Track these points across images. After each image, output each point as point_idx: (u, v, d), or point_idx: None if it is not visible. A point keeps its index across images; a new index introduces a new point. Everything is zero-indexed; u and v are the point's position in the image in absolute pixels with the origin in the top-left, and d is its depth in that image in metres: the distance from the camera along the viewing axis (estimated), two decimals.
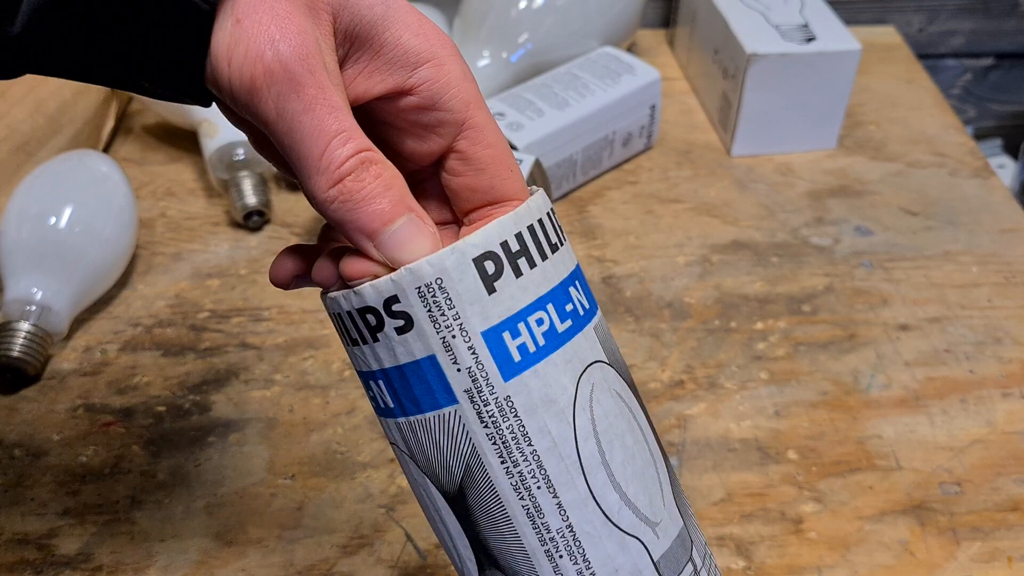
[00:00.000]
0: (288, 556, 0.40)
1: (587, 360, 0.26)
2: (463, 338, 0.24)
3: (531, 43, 0.64)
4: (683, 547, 0.27)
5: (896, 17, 0.82)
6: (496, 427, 0.25)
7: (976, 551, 0.40)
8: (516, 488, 0.25)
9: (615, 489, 0.25)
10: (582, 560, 0.25)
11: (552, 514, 0.25)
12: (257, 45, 0.23)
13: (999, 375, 0.49)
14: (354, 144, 0.24)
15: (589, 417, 0.25)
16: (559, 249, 0.26)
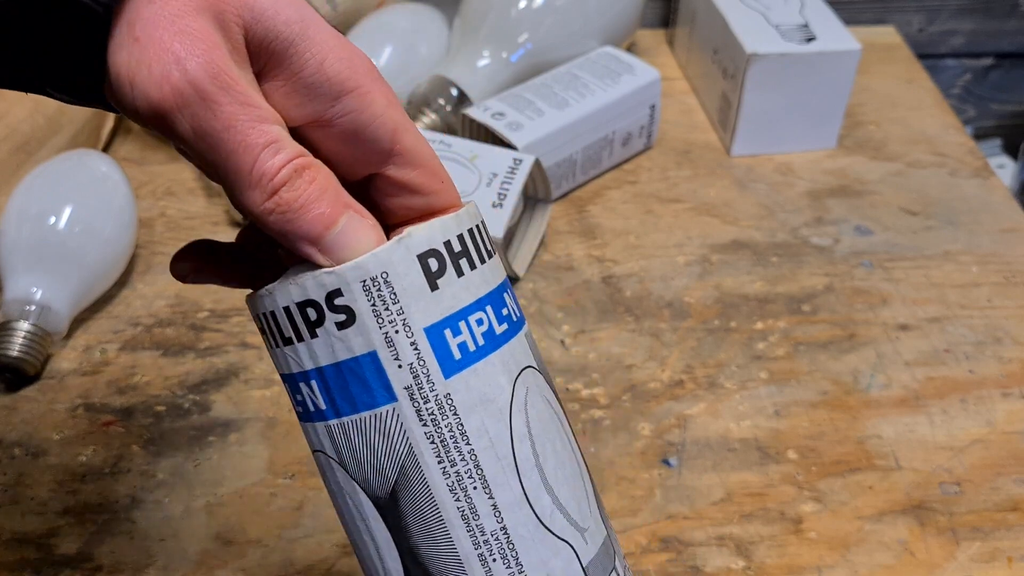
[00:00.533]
0: (288, 556, 0.40)
1: (521, 364, 0.26)
2: (406, 334, 0.24)
3: (531, 43, 0.64)
4: (607, 555, 0.27)
5: (896, 17, 0.82)
6: (435, 425, 0.24)
7: (976, 551, 0.40)
8: (452, 489, 0.25)
9: (548, 492, 0.25)
10: (515, 564, 0.25)
11: (487, 516, 0.25)
12: (161, 66, 0.21)
13: (999, 375, 0.49)
14: (284, 154, 0.23)
15: (524, 419, 0.25)
16: (492, 257, 0.26)
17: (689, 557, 0.40)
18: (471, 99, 0.62)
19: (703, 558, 0.40)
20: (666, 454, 0.45)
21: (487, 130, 0.58)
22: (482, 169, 0.52)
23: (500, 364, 0.25)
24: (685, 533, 0.41)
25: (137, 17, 0.22)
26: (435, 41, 0.66)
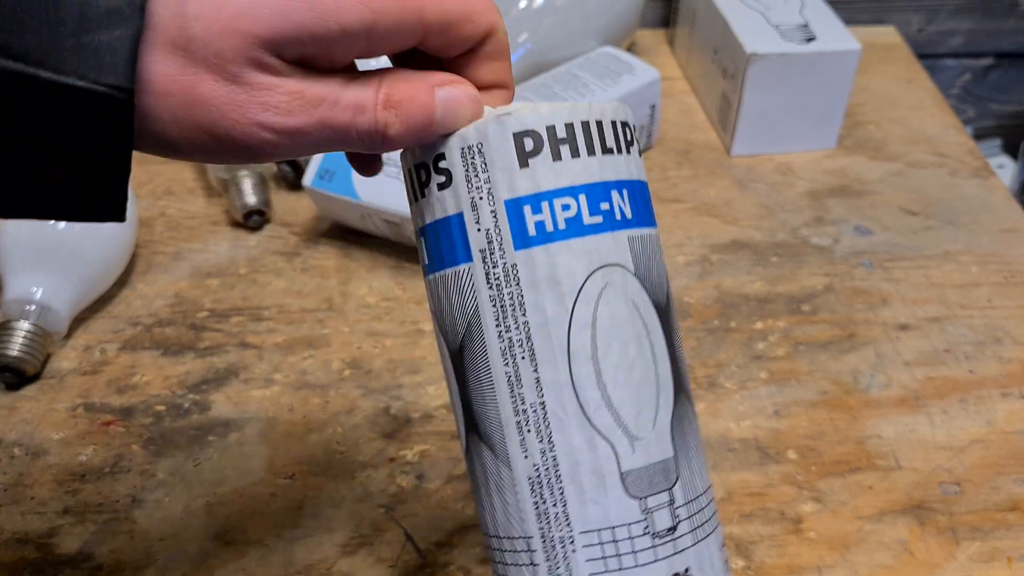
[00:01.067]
0: (287, 556, 0.40)
1: (608, 260, 0.27)
2: (488, 201, 0.26)
3: (531, 43, 0.64)
4: (664, 476, 0.27)
5: (895, 17, 0.82)
6: (499, 290, 0.26)
7: (976, 551, 0.40)
8: (503, 353, 0.26)
9: (598, 387, 0.26)
10: (547, 441, 0.26)
11: (530, 387, 0.26)
12: (247, 122, 0.23)
13: (999, 375, 0.49)
14: (368, 114, 0.25)
15: (591, 311, 0.26)
16: (616, 154, 0.27)
17: None
18: None
19: None
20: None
21: None
22: None
23: (579, 252, 0.26)
24: None
25: (193, 92, 0.22)
26: None
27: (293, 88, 0.24)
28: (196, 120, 0.23)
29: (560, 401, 0.26)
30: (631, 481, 0.26)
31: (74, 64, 0.20)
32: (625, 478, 0.26)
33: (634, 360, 0.27)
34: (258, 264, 0.56)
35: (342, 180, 0.53)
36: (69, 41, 0.20)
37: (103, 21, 0.20)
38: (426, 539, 0.41)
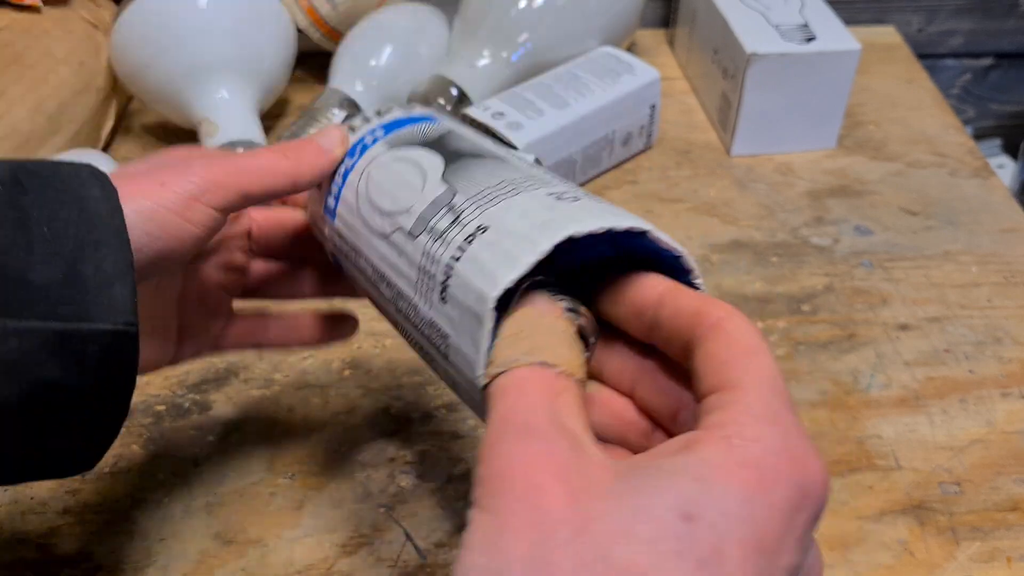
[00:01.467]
0: (288, 555, 0.40)
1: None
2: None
3: (531, 43, 0.64)
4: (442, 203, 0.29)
5: (895, 17, 0.82)
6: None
7: (976, 551, 0.40)
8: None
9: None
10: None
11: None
12: None
13: (999, 375, 0.49)
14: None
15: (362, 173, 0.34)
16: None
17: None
18: (471, 99, 0.62)
19: None
20: None
21: (487, 130, 0.58)
22: None
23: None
24: None
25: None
26: (435, 41, 0.66)
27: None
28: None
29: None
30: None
31: (99, 314, 0.27)
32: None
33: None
34: None
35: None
36: (94, 299, 0.27)
37: (113, 279, 0.27)
38: (426, 539, 0.41)
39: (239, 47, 0.60)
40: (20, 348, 0.26)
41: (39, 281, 0.27)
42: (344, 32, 0.67)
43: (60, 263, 0.27)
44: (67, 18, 0.65)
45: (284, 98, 0.71)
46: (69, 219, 0.28)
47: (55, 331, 0.26)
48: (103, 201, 0.28)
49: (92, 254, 0.27)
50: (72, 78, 0.62)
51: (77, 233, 0.28)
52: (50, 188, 0.28)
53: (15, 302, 0.26)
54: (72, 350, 0.27)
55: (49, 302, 0.27)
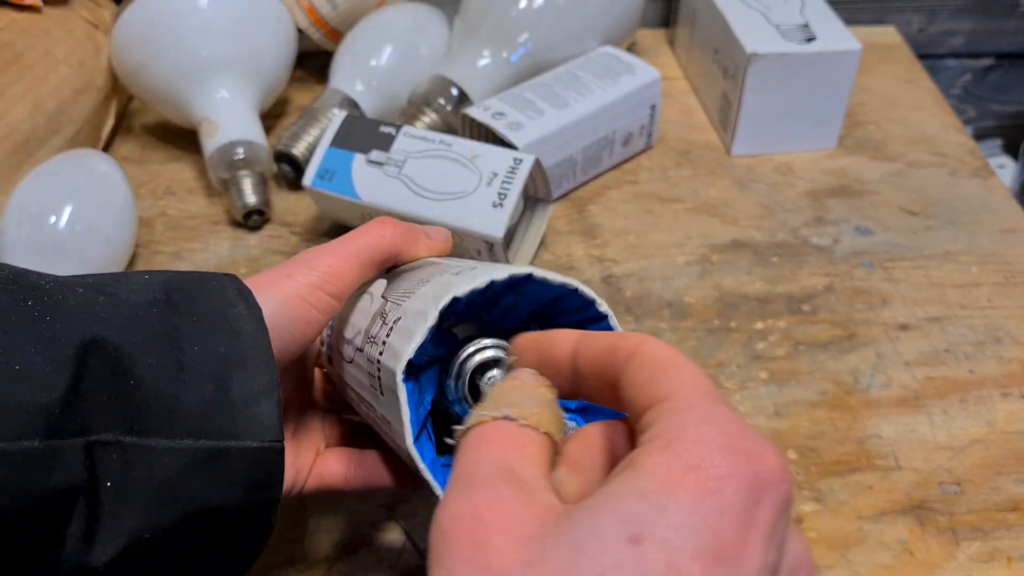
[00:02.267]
0: (288, 556, 0.40)
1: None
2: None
3: (531, 43, 0.64)
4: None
5: (896, 17, 0.82)
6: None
7: (976, 551, 0.40)
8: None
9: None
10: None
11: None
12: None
13: (999, 375, 0.49)
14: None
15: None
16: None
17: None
18: (471, 99, 0.62)
19: None
20: None
21: (487, 130, 0.58)
22: (482, 169, 0.52)
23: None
24: None
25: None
26: (435, 41, 0.66)
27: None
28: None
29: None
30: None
31: (247, 432, 0.28)
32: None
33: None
34: (259, 264, 0.56)
35: (342, 180, 0.53)
36: (242, 416, 0.28)
37: (259, 398, 0.28)
38: (426, 539, 0.41)
39: (239, 47, 0.60)
40: (171, 467, 0.27)
41: (190, 400, 0.27)
42: (344, 32, 0.67)
43: (210, 383, 0.28)
44: (67, 18, 0.65)
45: (284, 98, 0.71)
46: (218, 339, 0.29)
47: (205, 450, 0.27)
48: (248, 319, 0.30)
49: (239, 373, 0.28)
50: (72, 78, 0.62)
51: (225, 353, 0.28)
52: (198, 306, 0.29)
53: (166, 421, 0.27)
54: (221, 468, 0.27)
55: (199, 421, 0.27)
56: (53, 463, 0.25)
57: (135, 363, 0.27)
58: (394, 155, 0.53)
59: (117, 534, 0.26)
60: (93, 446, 0.26)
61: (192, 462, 0.27)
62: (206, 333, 0.28)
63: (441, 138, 0.54)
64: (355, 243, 0.34)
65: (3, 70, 0.58)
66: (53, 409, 0.25)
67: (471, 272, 0.30)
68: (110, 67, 0.65)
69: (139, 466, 0.26)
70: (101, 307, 0.28)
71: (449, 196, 0.51)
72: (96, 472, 0.26)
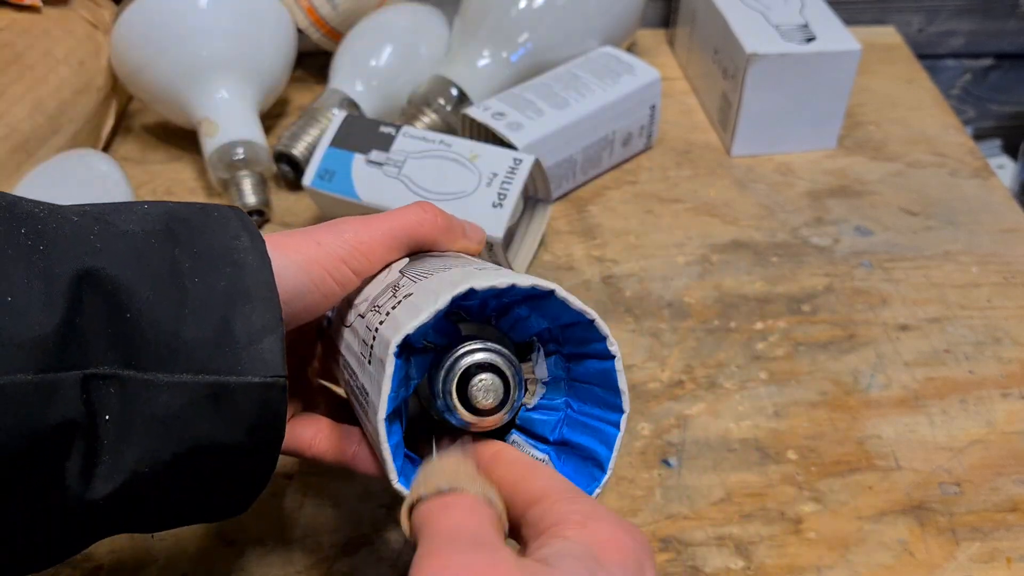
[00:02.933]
0: (288, 555, 0.40)
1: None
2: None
3: (531, 43, 0.64)
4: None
5: (896, 17, 0.82)
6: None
7: (975, 551, 0.40)
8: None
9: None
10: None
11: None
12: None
13: (999, 375, 0.49)
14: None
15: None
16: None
17: (689, 557, 0.40)
18: (471, 99, 0.62)
19: (703, 558, 0.40)
20: (666, 454, 0.45)
21: (487, 130, 0.58)
22: (482, 169, 0.52)
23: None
24: (685, 533, 0.41)
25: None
26: (435, 41, 0.66)
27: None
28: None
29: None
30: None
31: (249, 368, 0.27)
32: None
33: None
34: None
35: (342, 180, 0.53)
36: (244, 353, 0.27)
37: (262, 333, 0.28)
38: None
39: (239, 47, 0.60)
40: (171, 403, 0.26)
41: (190, 336, 0.27)
42: (344, 32, 0.67)
43: (211, 318, 0.27)
44: (67, 18, 0.65)
45: (284, 98, 0.71)
46: (220, 272, 0.28)
47: (206, 384, 0.27)
48: (252, 252, 0.29)
49: (242, 307, 0.28)
50: (72, 78, 0.62)
51: (228, 286, 0.28)
52: (200, 238, 0.28)
53: (167, 357, 0.26)
54: (223, 404, 0.27)
55: (200, 356, 0.27)
56: (49, 397, 0.24)
57: (133, 296, 0.26)
58: (394, 155, 0.53)
59: (117, 469, 0.26)
60: (90, 380, 0.25)
61: (193, 397, 0.26)
62: (208, 266, 0.28)
63: (441, 138, 0.54)
64: (394, 222, 0.33)
65: (3, 70, 0.58)
66: (47, 342, 0.24)
67: (495, 271, 0.30)
68: (110, 67, 0.65)
69: (139, 401, 0.26)
70: (97, 237, 0.27)
71: (449, 196, 0.51)
72: (94, 406, 0.25)
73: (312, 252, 0.31)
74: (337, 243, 0.32)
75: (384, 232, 0.33)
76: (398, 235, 0.33)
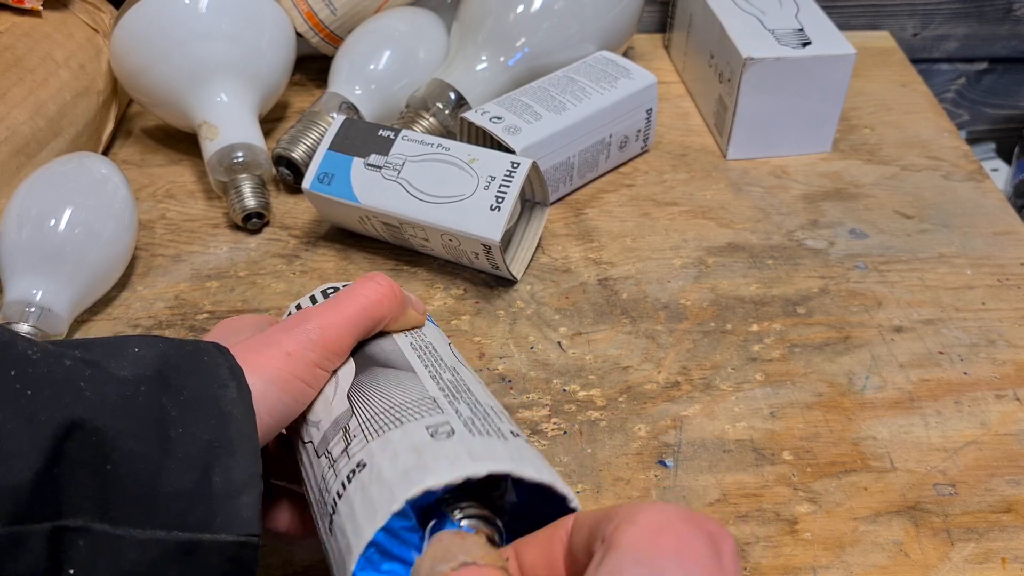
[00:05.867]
0: (287, 556, 0.41)
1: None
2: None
3: (528, 47, 0.64)
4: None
5: (890, 22, 0.83)
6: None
7: (970, 552, 0.41)
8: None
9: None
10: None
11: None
12: None
13: (993, 377, 0.49)
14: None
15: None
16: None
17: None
18: (469, 103, 0.62)
19: None
20: (662, 455, 0.45)
21: (485, 133, 0.59)
22: (480, 172, 0.52)
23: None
24: None
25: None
26: (434, 45, 0.66)
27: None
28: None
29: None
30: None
31: (224, 525, 0.27)
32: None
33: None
34: (258, 267, 0.56)
35: (341, 183, 0.54)
36: (220, 508, 0.27)
37: (241, 489, 0.27)
38: None
39: (239, 51, 0.61)
40: (141, 559, 0.26)
41: (169, 489, 0.26)
42: (343, 36, 0.68)
43: (192, 472, 0.27)
44: (67, 22, 0.65)
45: (283, 102, 0.71)
46: (206, 423, 0.27)
47: (179, 543, 0.26)
48: (238, 403, 0.28)
49: (224, 461, 0.27)
50: (73, 81, 0.62)
51: (211, 439, 0.27)
52: (189, 384, 0.28)
53: (142, 511, 0.26)
54: (194, 560, 0.26)
55: (177, 512, 0.26)
56: (16, 549, 0.24)
57: (116, 448, 0.26)
58: (392, 159, 0.54)
59: None
60: (60, 532, 0.25)
61: (163, 554, 0.26)
62: (194, 416, 0.27)
63: (439, 142, 0.54)
64: (356, 307, 0.33)
65: (3, 73, 0.58)
66: (23, 492, 0.24)
67: (451, 443, 0.28)
68: (110, 71, 0.66)
69: (107, 555, 0.25)
70: (88, 383, 0.26)
71: (447, 199, 0.52)
72: (60, 559, 0.25)
73: (287, 367, 0.31)
74: (307, 349, 0.31)
75: (348, 320, 0.32)
76: (360, 322, 0.33)
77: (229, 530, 0.27)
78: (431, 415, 0.30)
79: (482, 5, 0.65)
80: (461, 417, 0.30)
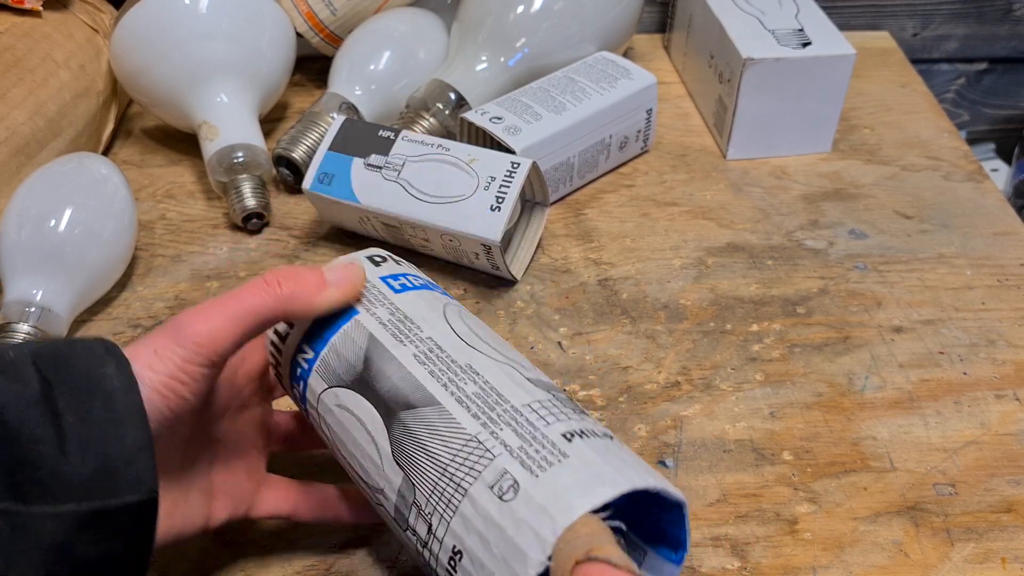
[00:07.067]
0: (287, 556, 0.41)
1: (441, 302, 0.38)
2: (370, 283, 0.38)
3: (528, 48, 0.64)
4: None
5: (890, 22, 0.83)
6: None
7: (970, 552, 0.41)
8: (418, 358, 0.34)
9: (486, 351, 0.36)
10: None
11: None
12: None
13: (992, 377, 0.49)
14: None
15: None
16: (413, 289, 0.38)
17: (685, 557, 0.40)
18: (469, 103, 0.62)
19: (699, 558, 0.41)
20: (662, 455, 0.45)
21: (485, 134, 0.59)
22: (480, 172, 0.52)
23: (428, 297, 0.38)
24: None
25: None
26: (434, 46, 0.66)
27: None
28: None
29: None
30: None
31: (126, 488, 0.29)
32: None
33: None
34: (258, 267, 0.56)
35: (341, 184, 0.54)
36: (122, 476, 0.29)
37: (136, 454, 0.30)
38: None
39: (239, 51, 0.61)
40: (57, 532, 0.28)
41: (73, 472, 0.29)
42: (343, 37, 0.68)
43: (90, 450, 0.29)
44: (67, 22, 0.65)
45: (283, 102, 0.71)
46: (92, 404, 0.30)
47: (90, 512, 0.29)
48: (118, 377, 0.31)
49: (115, 432, 0.30)
50: (72, 82, 0.62)
51: (101, 417, 0.30)
52: (70, 373, 0.30)
53: (52, 490, 0.28)
54: (105, 524, 0.29)
55: (82, 486, 0.29)
56: None
57: (22, 436, 0.28)
58: (392, 159, 0.54)
59: None
60: None
61: (78, 523, 0.28)
62: (80, 399, 0.30)
63: (439, 142, 0.54)
64: (233, 306, 0.33)
65: (3, 73, 0.58)
66: None
67: (515, 496, 0.30)
68: (110, 71, 0.66)
69: (25, 533, 0.28)
70: None
71: (447, 199, 0.52)
72: None
73: (151, 368, 0.32)
74: (176, 348, 0.32)
75: (227, 318, 0.33)
76: (242, 318, 0.33)
77: (131, 492, 0.29)
78: (483, 464, 0.30)
79: (482, 5, 0.65)
80: (512, 452, 0.30)
